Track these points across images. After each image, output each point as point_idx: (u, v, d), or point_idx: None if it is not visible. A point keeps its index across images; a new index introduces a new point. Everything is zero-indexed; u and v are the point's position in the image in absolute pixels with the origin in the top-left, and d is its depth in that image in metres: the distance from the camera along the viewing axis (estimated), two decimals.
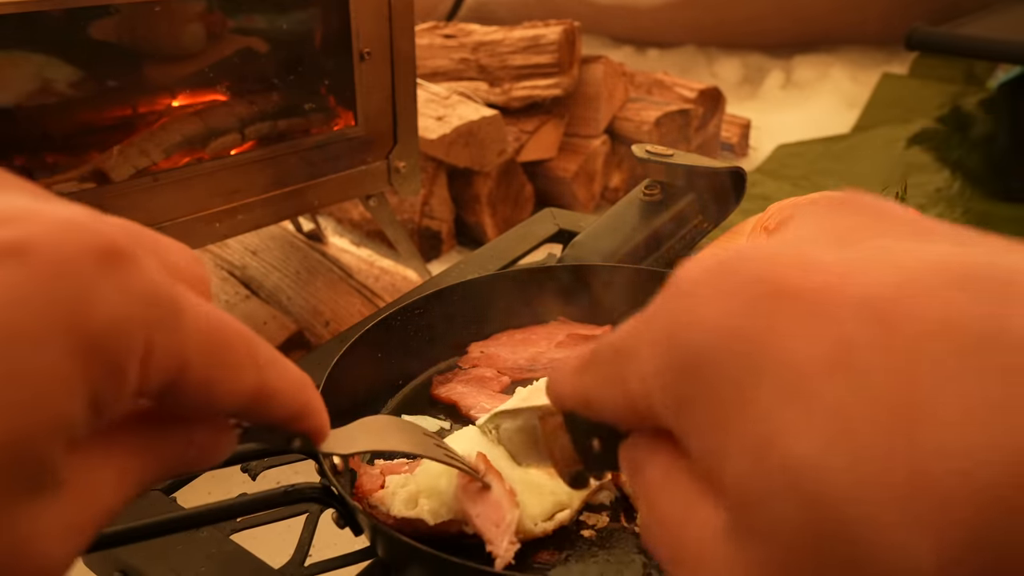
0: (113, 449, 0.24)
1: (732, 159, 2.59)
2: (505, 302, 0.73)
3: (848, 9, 3.25)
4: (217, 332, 0.25)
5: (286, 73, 1.17)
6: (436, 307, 0.70)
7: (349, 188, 1.27)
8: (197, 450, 0.27)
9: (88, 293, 0.21)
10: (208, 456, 0.28)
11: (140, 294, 0.22)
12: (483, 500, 0.49)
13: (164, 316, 0.23)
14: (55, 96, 0.96)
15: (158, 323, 0.23)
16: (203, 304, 0.25)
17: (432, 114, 1.87)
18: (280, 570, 0.50)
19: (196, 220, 1.09)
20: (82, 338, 0.21)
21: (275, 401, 0.28)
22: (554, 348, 0.71)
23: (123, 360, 0.22)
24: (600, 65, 2.13)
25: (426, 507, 0.49)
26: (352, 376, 0.61)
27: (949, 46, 2.23)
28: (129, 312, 0.22)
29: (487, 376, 0.68)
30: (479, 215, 1.98)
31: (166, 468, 0.27)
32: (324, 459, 0.51)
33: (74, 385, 0.21)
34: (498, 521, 0.48)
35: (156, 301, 0.23)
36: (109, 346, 0.21)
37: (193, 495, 0.64)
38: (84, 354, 0.21)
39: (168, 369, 0.23)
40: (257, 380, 0.27)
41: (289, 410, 0.29)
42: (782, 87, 3.24)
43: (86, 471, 0.23)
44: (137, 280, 0.22)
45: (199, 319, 0.24)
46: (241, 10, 1.11)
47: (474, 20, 2.67)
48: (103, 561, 0.53)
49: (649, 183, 0.88)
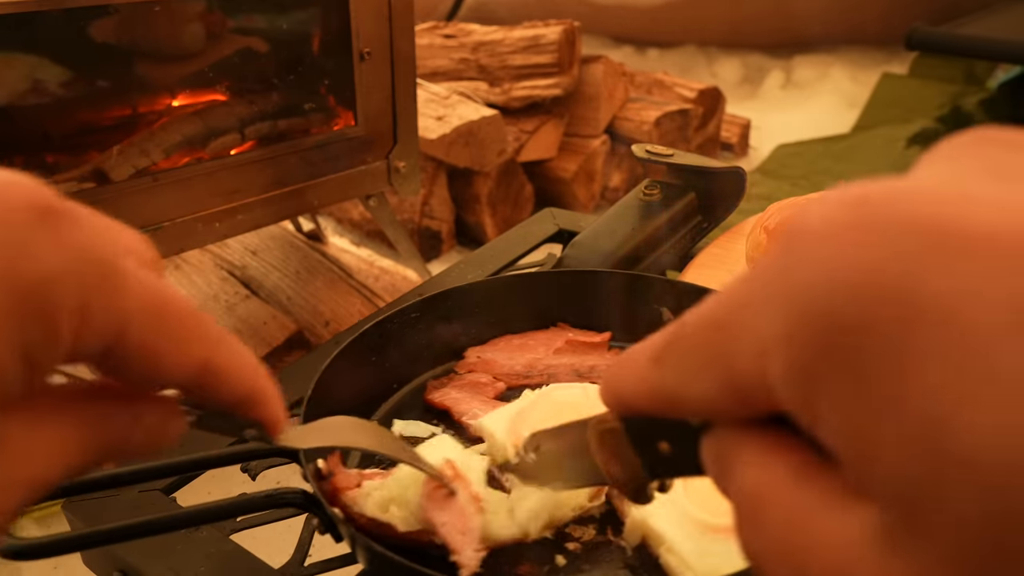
0: (52, 417, 0.24)
1: (732, 159, 2.59)
2: (504, 306, 0.73)
3: (848, 9, 3.25)
4: (160, 301, 0.25)
5: (286, 73, 1.17)
6: (432, 311, 0.69)
7: (349, 188, 1.27)
8: (145, 432, 0.27)
9: (22, 246, 0.21)
10: (156, 438, 0.27)
11: (76, 251, 0.22)
12: (448, 508, 0.48)
13: (101, 275, 0.23)
14: (55, 96, 0.96)
15: (95, 281, 0.22)
16: (148, 274, 0.25)
17: (432, 114, 1.87)
18: (280, 570, 0.50)
19: (196, 220, 1.09)
20: (14, 290, 0.21)
21: (223, 380, 0.27)
22: (552, 354, 0.70)
23: (56, 315, 0.22)
24: (600, 65, 2.13)
25: (397, 514, 0.49)
26: (344, 379, 0.61)
27: (949, 46, 2.23)
28: (64, 267, 0.22)
29: (482, 382, 0.67)
30: (479, 215, 1.98)
31: (110, 446, 0.26)
32: (307, 464, 0.50)
33: (4, 336, 0.21)
34: (463, 529, 0.47)
35: (93, 259, 0.23)
36: (42, 300, 0.21)
37: (193, 495, 0.64)
38: (15, 306, 0.21)
39: (106, 330, 0.23)
40: (203, 356, 0.26)
41: (238, 392, 0.28)
42: (782, 87, 3.24)
43: (20, 433, 0.23)
44: (74, 237, 0.22)
45: (141, 285, 0.24)
46: (241, 10, 1.11)
47: (474, 20, 2.67)
48: (102, 560, 0.53)
49: (649, 183, 0.88)
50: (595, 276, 0.73)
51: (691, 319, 0.21)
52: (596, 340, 0.71)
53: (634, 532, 0.49)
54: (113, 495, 0.56)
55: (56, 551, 0.43)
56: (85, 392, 0.26)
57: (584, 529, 0.52)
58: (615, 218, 0.84)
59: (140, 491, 0.56)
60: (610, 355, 0.70)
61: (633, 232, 0.82)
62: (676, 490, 0.48)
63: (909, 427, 0.15)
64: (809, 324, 0.16)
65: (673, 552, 0.46)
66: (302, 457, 0.50)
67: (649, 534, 0.49)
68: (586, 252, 0.81)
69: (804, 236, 0.17)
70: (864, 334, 0.15)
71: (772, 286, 0.18)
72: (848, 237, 0.16)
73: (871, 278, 0.15)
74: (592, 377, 0.67)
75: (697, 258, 0.86)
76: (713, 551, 0.45)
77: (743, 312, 0.19)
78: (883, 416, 0.15)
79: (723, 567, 0.44)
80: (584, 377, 0.67)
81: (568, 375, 0.68)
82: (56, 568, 1.11)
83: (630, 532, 0.50)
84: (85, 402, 0.26)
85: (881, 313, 0.15)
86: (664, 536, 0.47)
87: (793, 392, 0.17)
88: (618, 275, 0.73)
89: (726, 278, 0.82)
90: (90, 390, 0.26)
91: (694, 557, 0.46)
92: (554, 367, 0.69)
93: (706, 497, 0.48)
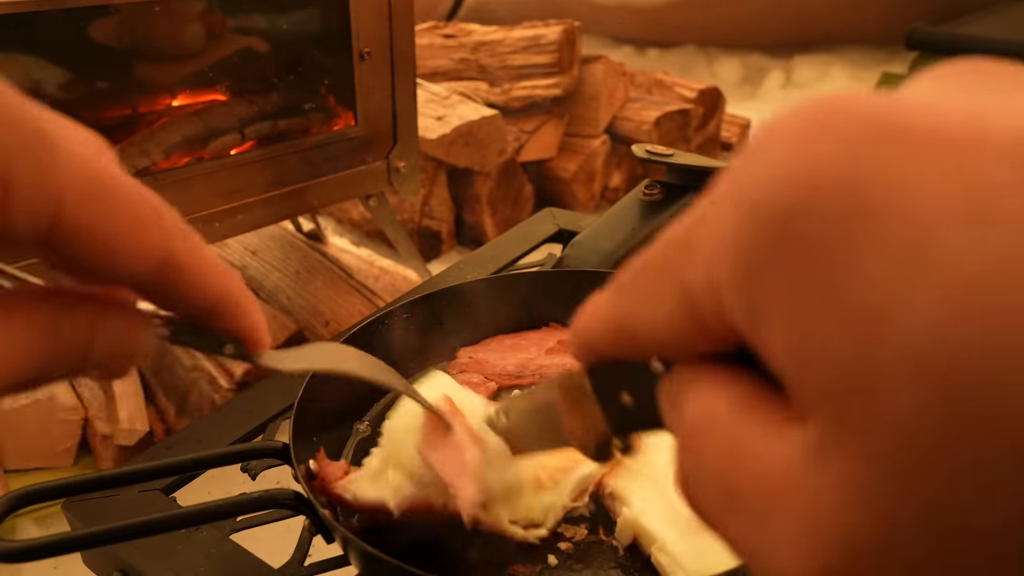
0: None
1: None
2: (496, 307, 0.73)
3: (848, 9, 3.25)
4: (105, 179, 0.22)
5: (286, 73, 1.17)
6: (424, 311, 0.70)
7: (349, 188, 1.27)
8: (108, 340, 0.24)
9: None
10: (121, 348, 0.25)
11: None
12: (444, 445, 0.45)
13: (27, 143, 0.20)
14: (54, 96, 0.96)
15: (17, 147, 0.20)
16: (89, 151, 0.22)
17: (432, 114, 1.87)
18: (280, 570, 0.50)
19: (196, 220, 1.09)
20: None
21: (188, 279, 0.24)
22: (544, 354, 0.70)
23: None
24: (600, 65, 2.13)
25: (392, 482, 0.47)
26: (336, 380, 0.60)
27: (949, 46, 2.23)
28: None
29: (473, 382, 0.67)
30: (479, 215, 1.98)
31: (66, 353, 0.23)
32: (299, 464, 0.50)
33: None
34: (461, 465, 0.44)
35: (16, 127, 0.20)
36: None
37: (193, 495, 0.64)
38: None
39: (37, 207, 0.21)
40: (161, 246, 0.23)
41: (208, 295, 0.25)
42: (782, 87, 3.24)
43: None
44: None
45: (80, 161, 0.21)
46: (241, 10, 1.11)
47: (474, 20, 2.67)
48: (102, 560, 0.53)
49: (649, 183, 0.88)
50: (587, 276, 0.73)
51: (654, 244, 0.20)
52: None
53: (626, 531, 0.49)
54: (113, 495, 0.56)
55: (55, 551, 0.43)
56: (37, 293, 0.23)
57: (576, 529, 0.51)
58: (615, 218, 0.84)
59: (140, 491, 0.56)
60: None
61: (633, 232, 0.82)
62: (668, 489, 0.48)
63: (852, 317, 0.14)
64: (756, 218, 0.16)
65: (664, 551, 0.46)
66: (293, 459, 0.50)
67: (641, 533, 0.48)
68: (586, 252, 0.81)
69: (763, 139, 0.16)
70: (809, 223, 0.15)
71: (723, 193, 0.17)
72: (804, 133, 0.15)
73: (820, 170, 0.15)
74: None
75: None
76: (705, 550, 0.45)
77: (698, 225, 0.18)
78: (827, 306, 0.14)
79: (715, 566, 0.44)
80: None
81: None
82: (56, 568, 1.11)
83: (622, 531, 0.50)
84: (36, 303, 0.23)
85: (827, 205, 0.15)
86: (655, 535, 0.47)
87: (738, 299, 0.16)
88: (611, 275, 0.72)
89: None
90: (44, 291, 0.23)
91: (686, 556, 0.45)
92: (546, 367, 0.69)
93: None
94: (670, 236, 0.19)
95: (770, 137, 0.16)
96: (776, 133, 0.16)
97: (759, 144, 0.16)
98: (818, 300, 0.14)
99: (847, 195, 0.14)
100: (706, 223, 0.17)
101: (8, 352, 0.22)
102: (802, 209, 0.15)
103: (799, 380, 0.15)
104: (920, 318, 0.13)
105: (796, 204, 0.15)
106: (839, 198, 0.14)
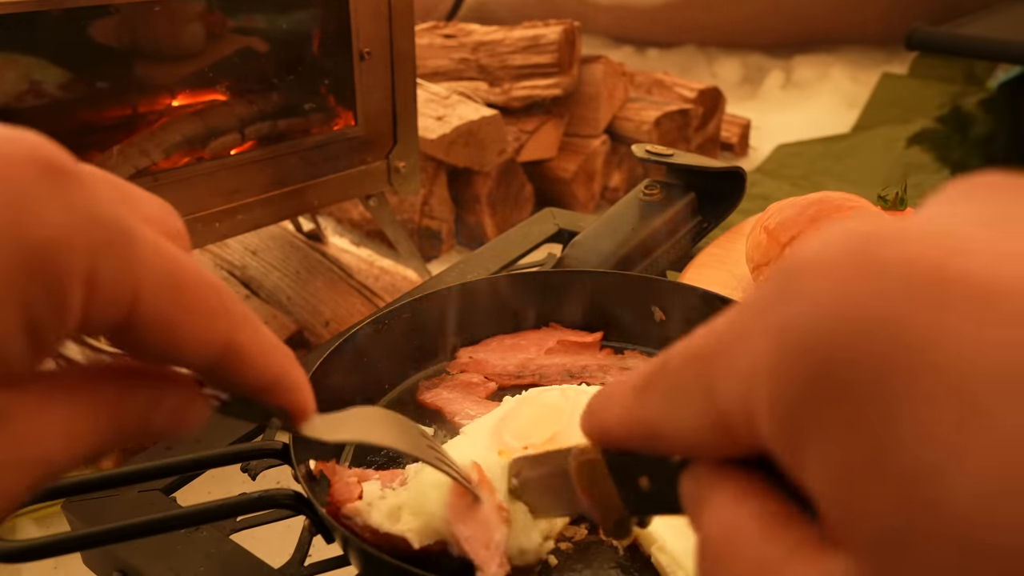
0: (63, 397, 0.23)
1: (732, 159, 2.59)
2: (497, 306, 0.73)
3: (848, 9, 3.25)
4: (178, 271, 0.23)
5: (286, 73, 1.17)
6: (425, 311, 0.69)
7: (349, 188, 1.27)
8: (166, 416, 0.26)
9: (24, 204, 0.19)
10: (178, 423, 0.26)
11: (84, 213, 0.20)
12: (472, 519, 0.46)
13: (112, 240, 0.21)
14: (55, 96, 0.96)
15: (105, 246, 0.21)
16: (166, 244, 0.23)
17: (432, 114, 1.87)
18: (280, 570, 0.50)
19: (196, 220, 1.09)
20: (15, 251, 0.19)
21: (247, 363, 0.26)
22: (544, 354, 0.70)
23: (63, 281, 0.20)
24: (600, 65, 2.13)
25: (411, 524, 0.47)
26: (336, 380, 0.60)
27: (949, 46, 2.23)
28: (71, 229, 0.20)
29: (473, 382, 0.67)
30: (479, 215, 1.98)
31: (127, 429, 0.24)
32: (299, 465, 0.50)
33: (6, 304, 0.19)
34: (487, 542, 0.45)
35: (102, 223, 0.21)
36: (47, 263, 0.20)
37: (193, 495, 0.64)
38: (17, 269, 0.19)
39: (118, 300, 0.21)
40: (225, 334, 0.24)
41: (264, 376, 0.27)
42: (782, 87, 3.24)
43: (25, 411, 0.21)
44: (82, 199, 0.21)
45: (157, 254, 0.22)
46: (241, 10, 1.11)
47: (474, 20, 2.67)
48: (102, 560, 0.53)
49: (649, 183, 0.88)
50: (586, 276, 0.73)
51: (678, 350, 0.20)
52: (587, 340, 0.71)
53: None
54: (113, 495, 0.56)
55: (55, 551, 0.43)
56: (102, 372, 0.24)
57: (576, 529, 0.52)
58: (615, 218, 0.84)
59: (140, 491, 0.56)
60: (601, 355, 0.70)
61: (633, 232, 0.82)
62: None
63: (897, 472, 0.14)
64: (798, 357, 0.16)
65: (664, 551, 0.46)
66: (293, 459, 0.50)
67: (640, 533, 0.49)
68: (586, 252, 0.81)
69: (800, 270, 0.17)
70: (854, 371, 0.15)
71: (762, 318, 0.17)
72: (844, 274, 0.16)
73: (864, 314, 0.15)
74: (583, 377, 0.67)
75: (697, 258, 0.86)
76: None
77: (732, 344, 0.18)
78: (870, 457, 0.15)
79: None
80: (575, 377, 0.67)
81: (559, 375, 0.68)
82: (56, 568, 1.11)
83: None
84: (101, 382, 0.24)
85: (872, 350, 0.15)
86: (655, 535, 0.47)
87: (777, 428, 0.17)
88: (610, 275, 0.73)
89: (726, 278, 0.82)
90: (108, 370, 0.24)
91: (685, 555, 0.46)
92: (546, 367, 0.69)
93: None
94: (700, 346, 0.19)
95: (811, 266, 0.16)
96: (817, 263, 0.16)
97: (799, 269, 0.17)
98: (864, 455, 0.15)
99: (893, 344, 0.14)
100: (740, 343, 0.18)
101: (74, 432, 0.23)
102: (845, 358, 0.15)
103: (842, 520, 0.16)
104: (976, 486, 0.13)
105: (839, 350, 0.15)
106: (884, 345, 0.15)
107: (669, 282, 0.70)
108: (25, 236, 0.19)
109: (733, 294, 0.79)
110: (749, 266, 0.78)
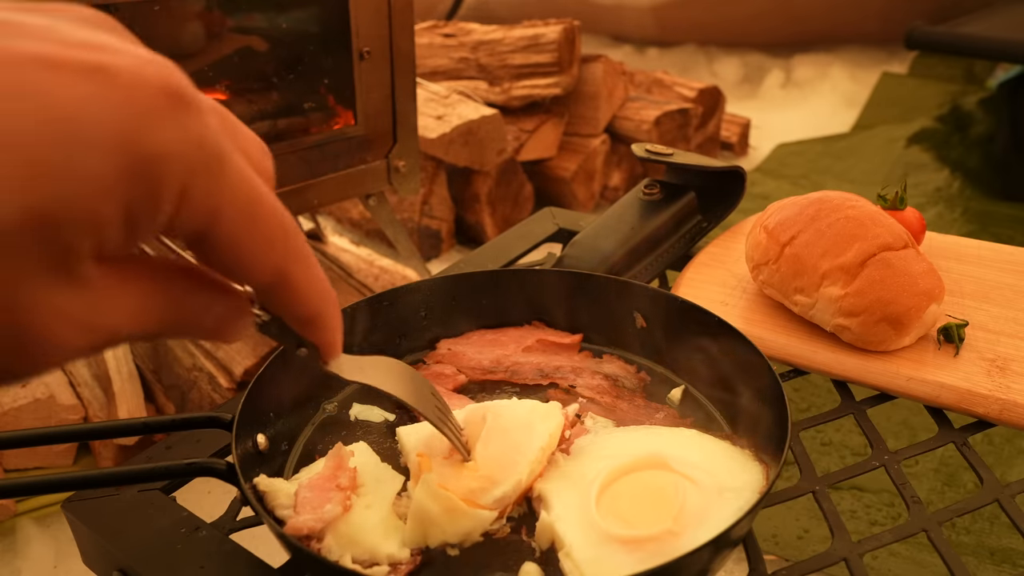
0: (142, 281, 0.27)
1: (732, 158, 2.59)
2: (482, 301, 0.73)
3: (848, 9, 3.25)
4: (257, 202, 0.27)
5: (286, 72, 1.17)
6: (405, 301, 0.70)
7: (349, 187, 1.27)
8: (214, 320, 0.30)
9: (149, 122, 0.24)
10: (223, 329, 0.30)
11: (194, 137, 0.25)
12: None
13: (209, 165, 0.25)
14: None
15: (202, 167, 0.25)
16: (253, 176, 0.27)
17: (432, 113, 1.87)
18: (280, 569, 0.50)
19: None
20: (132, 157, 0.23)
21: (295, 296, 0.30)
22: (521, 352, 0.70)
23: (162, 188, 0.24)
24: (600, 64, 2.13)
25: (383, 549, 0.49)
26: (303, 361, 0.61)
27: (949, 45, 2.23)
28: (179, 149, 0.24)
29: (445, 373, 0.68)
30: (479, 214, 1.98)
31: (183, 322, 0.29)
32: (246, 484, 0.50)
33: (113, 193, 0.23)
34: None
35: (205, 148, 0.25)
36: (153, 172, 0.24)
37: (194, 495, 0.64)
38: (129, 172, 0.24)
39: (200, 215, 0.26)
40: (282, 264, 0.29)
41: (307, 311, 0.31)
42: (782, 86, 3.24)
43: (109, 283, 0.26)
44: (195, 125, 0.25)
45: (243, 182, 0.27)
46: (241, 9, 1.11)
47: (474, 19, 2.67)
48: (102, 560, 0.53)
49: (649, 182, 0.88)
50: (571, 277, 0.73)
51: None
52: (566, 341, 0.71)
53: (543, 534, 0.50)
54: (113, 495, 0.56)
55: None
56: (176, 269, 0.29)
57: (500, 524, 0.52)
58: (615, 217, 0.84)
59: (140, 491, 0.56)
60: (578, 357, 0.70)
61: (633, 232, 0.82)
62: (589, 498, 0.50)
63: None
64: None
65: (570, 557, 0.48)
66: (241, 480, 0.49)
67: (555, 537, 0.50)
68: (586, 251, 0.81)
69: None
70: None
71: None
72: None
73: None
74: (555, 377, 0.67)
75: (697, 257, 0.86)
76: (606, 560, 0.47)
77: None
78: None
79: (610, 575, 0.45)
80: (548, 377, 0.67)
81: (532, 374, 0.68)
82: (56, 568, 1.11)
83: (540, 534, 0.51)
84: (172, 277, 0.28)
85: None
86: (565, 540, 0.48)
87: None
88: (594, 278, 0.72)
89: (726, 277, 0.82)
90: (180, 269, 0.29)
91: (586, 563, 0.47)
92: (520, 364, 0.69)
93: (619, 510, 0.49)
94: None
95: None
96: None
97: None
98: None
99: None
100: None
101: (141, 312, 0.27)
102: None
103: None
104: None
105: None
106: None
107: (652, 289, 0.69)
108: (142, 147, 0.24)
109: (733, 293, 0.79)
110: (749, 265, 0.78)
